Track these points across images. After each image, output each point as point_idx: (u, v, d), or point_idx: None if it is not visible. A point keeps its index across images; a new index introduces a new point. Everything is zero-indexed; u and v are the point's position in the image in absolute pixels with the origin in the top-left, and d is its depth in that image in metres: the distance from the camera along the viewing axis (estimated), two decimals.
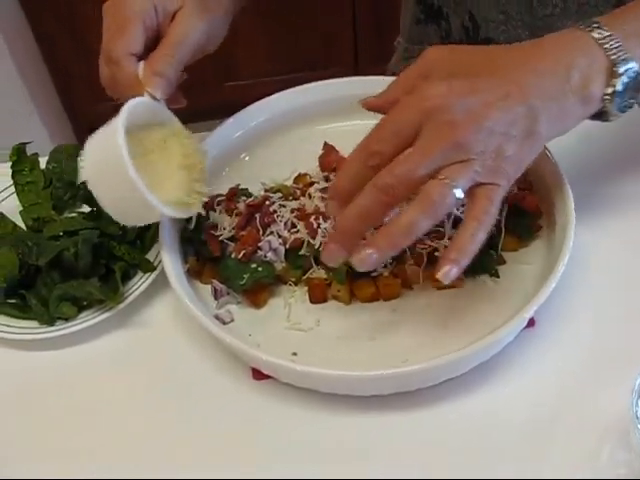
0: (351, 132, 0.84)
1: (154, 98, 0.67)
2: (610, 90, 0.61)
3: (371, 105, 0.67)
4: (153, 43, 0.69)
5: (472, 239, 0.58)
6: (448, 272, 0.57)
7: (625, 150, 0.82)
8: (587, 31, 0.61)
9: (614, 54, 0.60)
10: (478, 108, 0.57)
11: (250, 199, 0.73)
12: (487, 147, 0.57)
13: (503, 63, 0.61)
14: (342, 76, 0.85)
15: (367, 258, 0.57)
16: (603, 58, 0.60)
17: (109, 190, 0.66)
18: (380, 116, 0.63)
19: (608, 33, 0.61)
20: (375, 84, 0.84)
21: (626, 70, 0.60)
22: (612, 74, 0.60)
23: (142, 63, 0.68)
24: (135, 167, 0.62)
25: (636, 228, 0.75)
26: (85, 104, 2.32)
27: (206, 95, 2.39)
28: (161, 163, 0.68)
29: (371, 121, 0.84)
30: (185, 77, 0.72)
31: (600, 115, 0.63)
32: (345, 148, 0.78)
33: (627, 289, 0.70)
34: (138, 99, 0.66)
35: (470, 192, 0.57)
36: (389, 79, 0.85)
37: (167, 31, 0.69)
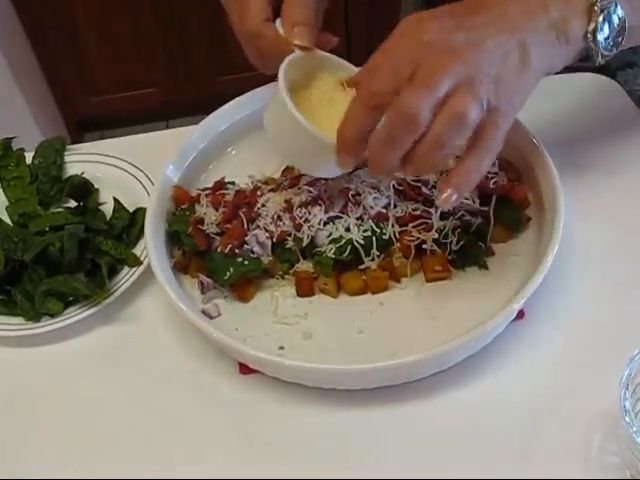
0: None
1: (304, 48, 0.66)
2: (591, 27, 0.61)
3: (353, 81, 0.65)
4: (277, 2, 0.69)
5: (477, 165, 0.58)
6: (449, 197, 0.58)
7: (618, 140, 0.81)
8: None
9: None
10: (474, 39, 0.58)
11: (237, 190, 0.72)
12: (490, 72, 0.57)
13: (489, 3, 0.61)
14: None
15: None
16: None
17: (297, 154, 0.68)
18: None
19: None
20: None
21: (605, 8, 0.61)
22: (591, 13, 0.61)
23: (278, 21, 0.67)
24: (312, 124, 0.62)
25: (626, 220, 0.74)
26: (77, 98, 2.31)
27: (200, 89, 2.38)
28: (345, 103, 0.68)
29: None
30: (336, 42, 0.71)
31: (588, 58, 0.64)
32: None
33: (616, 280, 0.70)
34: (291, 56, 0.66)
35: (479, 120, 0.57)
36: None
37: None
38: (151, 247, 0.68)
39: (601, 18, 0.61)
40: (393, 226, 0.68)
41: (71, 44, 2.19)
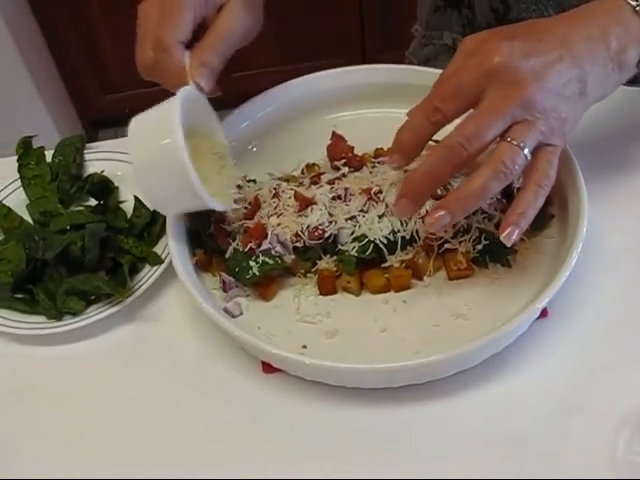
0: (359, 121, 0.84)
1: (199, 88, 0.66)
2: None
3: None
4: (198, 33, 0.68)
5: (534, 203, 0.60)
6: (510, 234, 0.60)
7: (637, 134, 0.80)
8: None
9: None
10: (538, 69, 0.59)
11: (258, 189, 0.72)
12: (548, 107, 0.59)
13: (551, 29, 0.62)
14: (350, 64, 0.84)
15: (439, 220, 0.59)
16: (638, 25, 0.62)
17: (159, 183, 0.65)
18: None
19: None
20: (382, 72, 0.84)
21: None
22: None
23: (188, 52, 0.67)
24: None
25: None
26: (92, 96, 2.32)
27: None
28: (202, 155, 0.68)
29: (379, 109, 0.84)
30: (220, 93, 0.70)
31: (634, 81, 0.65)
32: (353, 137, 0.78)
33: None
34: (188, 88, 0.65)
35: (531, 155, 0.59)
36: (395, 67, 0.84)
37: (214, 22, 0.68)
38: (172, 245, 0.68)
39: None
40: (416, 224, 0.67)
41: (86, 42, 2.20)
